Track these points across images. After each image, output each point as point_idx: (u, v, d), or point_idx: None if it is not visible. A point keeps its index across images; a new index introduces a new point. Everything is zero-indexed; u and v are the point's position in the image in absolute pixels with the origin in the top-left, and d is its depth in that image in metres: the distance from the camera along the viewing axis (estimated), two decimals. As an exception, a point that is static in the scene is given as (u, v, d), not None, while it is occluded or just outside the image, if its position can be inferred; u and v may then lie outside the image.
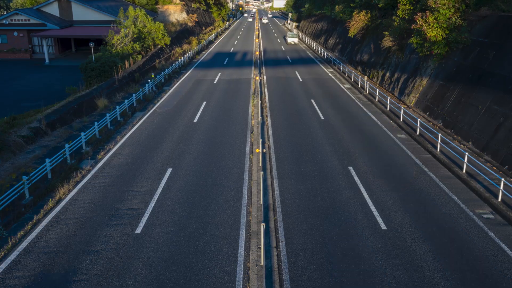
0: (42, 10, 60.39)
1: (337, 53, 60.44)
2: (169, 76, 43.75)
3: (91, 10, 59.19)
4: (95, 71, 38.11)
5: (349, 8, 56.87)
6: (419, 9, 32.07)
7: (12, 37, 57.46)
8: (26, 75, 46.53)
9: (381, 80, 39.27)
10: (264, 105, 32.29)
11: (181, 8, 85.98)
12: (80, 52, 61.80)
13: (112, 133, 25.77)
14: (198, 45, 67.14)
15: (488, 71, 24.09)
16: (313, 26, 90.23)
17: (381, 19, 45.75)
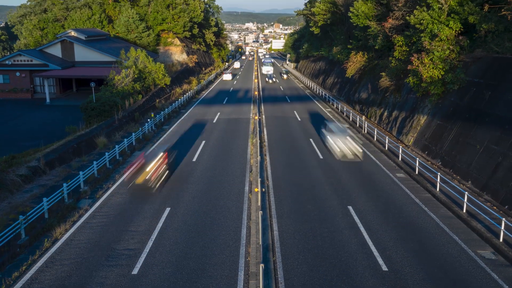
0: (45, 51, 61.45)
1: (335, 92, 61.18)
2: (169, 116, 44.08)
3: (93, 51, 60.22)
4: (95, 111, 38.42)
5: (346, 50, 58.01)
6: (415, 50, 32.73)
7: (14, 77, 58.19)
8: (26, 115, 46.86)
9: (379, 119, 39.59)
10: (263, 144, 32.40)
11: (181, 49, 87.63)
12: (81, 92, 62.46)
13: (111, 172, 25.72)
14: (198, 85, 68.02)
15: (485, 111, 24.34)
16: (311, 66, 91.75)
17: (378, 60, 46.59)
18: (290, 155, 29.78)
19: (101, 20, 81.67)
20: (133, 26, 79.11)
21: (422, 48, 30.58)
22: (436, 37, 29.61)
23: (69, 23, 79.17)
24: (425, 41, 30.26)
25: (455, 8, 29.84)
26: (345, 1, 61.80)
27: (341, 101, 53.91)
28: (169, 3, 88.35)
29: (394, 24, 38.65)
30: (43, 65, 57.29)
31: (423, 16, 31.08)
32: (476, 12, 28.47)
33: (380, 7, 45.53)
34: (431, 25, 30.52)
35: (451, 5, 30.15)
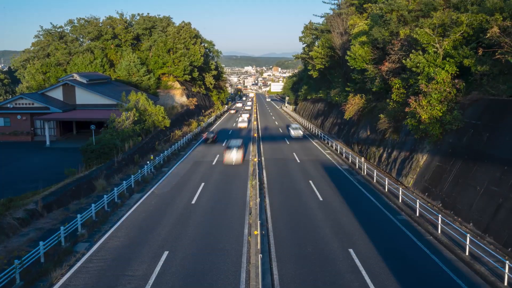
0: (47, 94, 62.21)
1: (334, 134, 61.53)
2: (168, 158, 44.12)
3: (94, 94, 60.98)
4: (95, 153, 38.49)
5: (344, 92, 58.78)
6: (412, 92, 33.16)
7: (15, 120, 58.63)
8: (26, 157, 46.89)
9: (378, 161, 39.63)
10: (262, 186, 32.27)
11: (181, 92, 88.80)
12: (81, 134, 62.76)
13: (109, 215, 25.48)
14: (197, 127, 68.46)
15: (484, 152, 24.40)
16: (310, 108, 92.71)
17: (376, 102, 47.12)
18: (289, 197, 29.62)
19: (102, 64, 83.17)
20: (134, 70, 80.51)
21: (419, 90, 31.01)
22: (433, 80, 30.09)
23: (71, 67, 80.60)
24: (422, 83, 30.73)
25: (450, 52, 30.49)
26: (342, 45, 63.23)
27: (340, 142, 54.14)
28: (170, 47, 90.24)
29: (391, 67, 39.35)
30: (44, 108, 57.88)
31: (419, 59, 31.69)
32: (471, 55, 29.08)
33: (376, 50, 46.48)
34: (427, 68, 31.09)
35: (446, 49, 30.82)
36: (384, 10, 43.41)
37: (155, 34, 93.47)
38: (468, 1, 32.56)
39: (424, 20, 33.59)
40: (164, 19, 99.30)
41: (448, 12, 32.15)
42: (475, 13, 29.67)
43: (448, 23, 31.40)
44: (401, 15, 41.33)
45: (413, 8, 39.76)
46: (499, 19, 27.54)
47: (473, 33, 30.57)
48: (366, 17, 59.50)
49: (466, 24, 30.11)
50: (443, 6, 35.04)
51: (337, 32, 66.52)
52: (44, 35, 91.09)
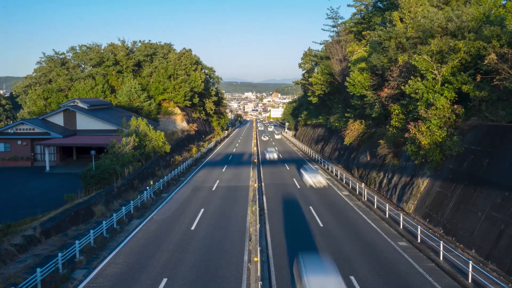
0: (48, 120, 62.47)
1: (334, 160, 61.49)
2: (168, 183, 44.00)
3: (95, 120, 61.24)
4: (95, 179, 38.39)
5: (344, 118, 59.01)
6: (411, 118, 33.29)
7: (15, 146, 58.70)
8: (25, 182, 46.76)
9: (378, 186, 39.50)
10: (262, 212, 32.08)
11: (182, 118, 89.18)
12: (82, 159, 62.74)
13: (108, 241, 25.24)
14: (197, 153, 68.49)
15: (484, 178, 24.35)
16: (310, 134, 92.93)
17: (376, 128, 47.25)
18: (290, 223, 29.41)
19: (104, 90, 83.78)
20: (135, 95, 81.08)
21: (419, 116, 31.14)
22: (432, 105, 30.25)
23: (73, 93, 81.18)
24: (421, 109, 30.88)
25: (449, 78, 30.76)
26: (342, 71, 63.84)
27: (340, 168, 54.07)
28: (171, 73, 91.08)
29: (390, 93, 39.61)
30: (45, 133, 58.04)
31: (418, 85, 31.94)
32: (469, 82, 29.33)
33: (375, 77, 46.88)
34: (426, 94, 31.30)
35: (444, 75, 31.11)
36: (383, 37, 43.96)
37: (156, 61, 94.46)
38: (465, 29, 33.02)
39: (422, 47, 34.00)
40: (165, 46, 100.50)
41: (445, 39, 32.55)
42: (473, 40, 30.05)
43: (446, 50, 31.78)
44: (399, 42, 41.85)
45: (411, 36, 40.29)
46: (496, 46, 27.89)
47: (471, 60, 30.91)
48: (364, 44, 60.22)
49: (464, 51, 30.47)
50: (440, 33, 35.49)
51: (336, 58, 67.25)
52: (46, 61, 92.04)
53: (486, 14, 32.95)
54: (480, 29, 30.54)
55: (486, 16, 32.65)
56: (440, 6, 49.68)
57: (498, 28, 28.43)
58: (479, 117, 28.59)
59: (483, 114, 28.23)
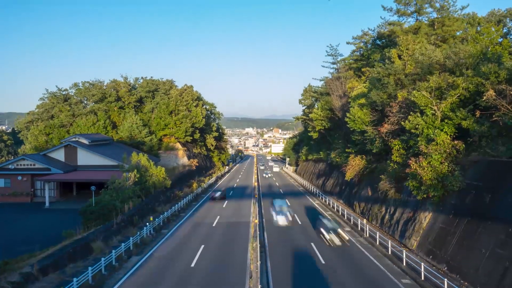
0: (49, 155, 62.56)
1: (336, 195, 61.16)
2: (168, 219, 43.63)
3: (96, 156, 61.30)
4: (94, 214, 38.12)
5: (344, 153, 59.06)
6: (412, 154, 33.33)
7: (15, 181, 58.59)
8: (24, 219, 46.39)
9: (380, 222, 39.13)
10: (263, 249, 31.66)
11: (182, 153, 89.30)
12: (82, 195, 62.48)
13: (106, 278, 24.82)
14: (198, 188, 68.24)
15: (487, 214, 24.14)
16: (310, 169, 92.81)
17: (377, 163, 47.22)
18: (291, 259, 28.97)
19: (105, 126, 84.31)
20: (136, 131, 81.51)
21: (419, 151, 31.17)
22: (432, 141, 30.33)
23: (75, 129, 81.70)
24: (422, 145, 30.96)
25: (448, 114, 30.98)
26: (342, 107, 64.37)
27: (342, 203, 53.72)
28: (172, 109, 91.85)
29: (390, 129, 39.80)
30: (46, 169, 58.01)
31: (418, 121, 32.13)
32: (469, 117, 29.51)
33: (375, 113, 47.22)
34: (426, 129, 31.45)
35: (443, 111, 31.34)
36: (382, 74, 44.55)
37: (158, 97, 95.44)
38: (463, 66, 33.51)
39: (421, 84, 34.41)
40: (167, 82, 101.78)
41: (444, 76, 32.99)
42: (471, 77, 30.44)
43: (444, 86, 32.15)
44: (398, 78, 42.39)
45: (410, 72, 40.85)
46: (494, 82, 28.22)
47: (470, 96, 31.21)
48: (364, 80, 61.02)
49: (463, 87, 30.82)
50: (439, 70, 36.01)
51: (336, 94, 67.95)
52: (49, 97, 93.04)
53: (483, 51, 33.51)
54: (477, 66, 31.00)
55: (483, 53, 33.20)
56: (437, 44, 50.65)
57: (495, 65, 28.85)
58: (479, 152, 28.62)
59: (484, 150, 28.28)
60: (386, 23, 62.49)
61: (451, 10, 55.73)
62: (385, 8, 60.38)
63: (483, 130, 28.39)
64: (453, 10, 55.80)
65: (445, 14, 55.42)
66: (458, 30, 53.12)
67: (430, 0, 55.90)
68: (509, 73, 28.00)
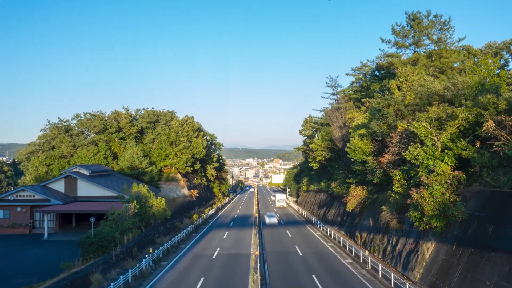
0: (48, 186, 62.35)
1: (336, 226, 60.63)
2: (168, 251, 43.14)
3: (96, 187, 61.10)
4: (93, 246, 37.72)
5: (345, 184, 58.89)
6: (413, 184, 33.23)
7: (14, 212, 58.21)
8: (22, 251, 45.89)
9: (383, 254, 38.65)
10: (264, 281, 31.18)
11: (183, 184, 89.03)
12: (81, 226, 61.99)
13: (104, 312, 24.36)
14: (198, 219, 67.74)
15: (490, 246, 23.88)
16: (311, 200, 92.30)
17: (378, 194, 47.03)
18: (292, 292, 28.51)
19: (106, 157, 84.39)
20: (137, 162, 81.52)
21: (420, 182, 31.08)
22: (433, 171, 30.29)
23: (75, 159, 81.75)
24: (423, 175, 30.90)
25: (448, 144, 31.04)
26: (342, 137, 64.55)
27: (343, 234, 53.19)
28: (173, 140, 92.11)
29: (391, 159, 39.82)
30: (45, 200, 57.74)
31: (418, 152, 32.17)
32: (469, 148, 29.56)
33: (375, 143, 47.34)
34: (427, 160, 31.45)
35: (443, 141, 31.41)
36: (382, 105, 44.86)
37: (159, 128, 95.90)
38: (461, 96, 33.79)
39: (420, 114, 34.61)
40: (168, 113, 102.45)
41: (443, 106, 33.22)
42: (470, 108, 30.64)
43: (444, 117, 32.32)
44: (398, 109, 42.66)
45: (409, 103, 41.14)
46: (493, 113, 28.40)
47: (469, 126, 31.35)
48: (364, 111, 61.43)
49: (462, 118, 30.98)
50: (438, 100, 36.28)
51: (336, 125, 68.24)
52: (50, 128, 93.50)
53: (481, 82, 33.86)
54: (476, 97, 31.25)
55: (482, 84, 33.52)
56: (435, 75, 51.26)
57: (494, 96, 29.09)
58: (481, 183, 28.54)
59: (485, 180, 28.21)
60: (384, 55, 63.30)
61: (449, 42, 56.57)
62: (384, 40, 61.32)
63: (484, 161, 28.40)
64: (451, 42, 56.63)
65: (442, 46, 56.23)
66: (456, 61, 53.79)
67: (428, 33, 56.77)
68: (508, 103, 28.21)
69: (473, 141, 30.03)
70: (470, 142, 30.14)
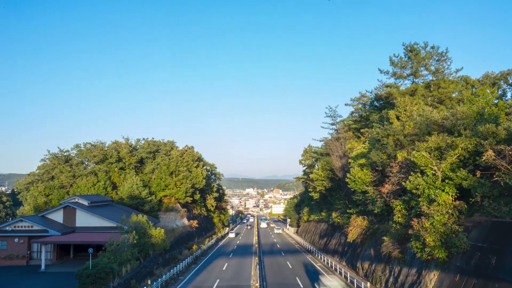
0: (47, 217, 61.85)
1: (337, 257, 59.89)
2: (166, 282, 42.49)
3: (95, 217, 60.62)
4: (90, 278, 37.16)
5: (346, 214, 58.50)
6: (414, 214, 32.99)
7: (12, 243, 57.56)
8: (18, 283, 45.13)
9: (385, 285, 38.04)
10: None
11: (182, 214, 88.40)
12: (79, 257, 61.20)
13: None
14: (198, 250, 66.97)
15: (493, 277, 23.52)
16: (312, 230, 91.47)
17: (379, 224, 46.65)
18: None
19: (105, 187, 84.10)
20: (136, 192, 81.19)
21: (421, 212, 30.88)
22: (434, 201, 30.12)
23: (75, 190, 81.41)
24: (424, 205, 30.71)
25: (449, 174, 30.97)
26: (342, 167, 64.47)
27: (344, 266, 52.48)
28: (173, 170, 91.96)
29: (391, 189, 39.67)
30: (43, 230, 57.19)
31: (419, 181, 32.07)
32: (469, 178, 29.48)
33: (375, 173, 47.26)
34: (427, 190, 31.32)
35: (444, 171, 31.36)
36: (381, 135, 45.02)
37: (159, 158, 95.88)
38: (460, 126, 33.92)
39: (420, 144, 34.69)
40: (168, 143, 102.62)
41: (442, 136, 33.32)
42: (469, 137, 30.72)
43: (443, 147, 32.37)
44: (397, 139, 42.79)
45: (408, 133, 41.30)
46: (492, 143, 28.45)
47: (469, 156, 31.36)
48: (363, 140, 61.56)
49: (462, 147, 31.02)
50: (437, 130, 36.43)
51: (336, 155, 68.28)
52: (50, 158, 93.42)
53: (480, 112, 34.06)
54: (475, 127, 31.37)
55: (480, 114, 33.71)
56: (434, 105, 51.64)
57: (493, 126, 29.20)
58: (482, 213, 28.35)
59: (487, 210, 28.02)
60: (383, 85, 63.91)
61: (446, 72, 57.17)
62: (382, 71, 62.03)
63: (485, 191, 28.27)
64: (448, 73, 57.24)
65: (440, 76, 56.81)
66: (454, 91, 54.23)
67: (425, 64, 57.46)
68: (508, 133, 28.30)
69: (474, 170, 29.99)
70: (471, 172, 30.09)
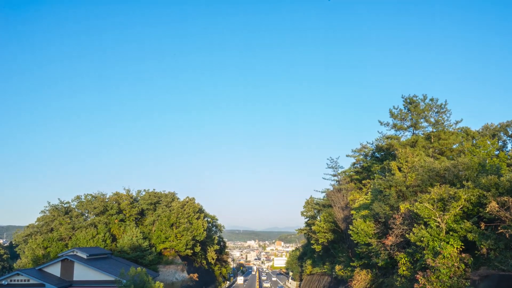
0: (44, 270, 60.62)
1: (342, 313, 58.08)
2: None
3: (93, 270, 59.40)
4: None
5: (349, 267, 57.28)
6: (419, 267, 32.28)
7: (7, 298, 56.17)
8: None
9: None
10: None
11: (182, 267, 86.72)
12: (75, 313, 59.44)
13: None
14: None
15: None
16: (315, 284, 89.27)
17: (383, 278, 45.55)
18: None
19: (105, 239, 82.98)
20: (136, 244, 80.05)
21: (427, 265, 30.23)
22: (439, 254, 29.55)
23: (73, 242, 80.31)
24: (429, 258, 30.11)
25: (453, 226, 30.57)
26: (345, 219, 63.80)
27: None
28: (173, 222, 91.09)
29: (395, 241, 39.02)
30: (40, 285, 55.91)
31: (423, 233, 31.61)
32: (474, 230, 29.06)
33: (378, 224, 46.65)
34: (432, 242, 30.81)
35: (448, 223, 30.97)
36: (383, 186, 44.82)
37: (160, 209, 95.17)
38: (462, 177, 33.82)
39: (422, 195, 34.45)
40: (169, 195, 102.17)
41: (445, 187, 33.15)
42: (472, 189, 30.54)
43: (446, 198, 32.13)
44: (399, 190, 42.57)
45: (411, 184, 41.14)
46: (495, 194, 28.26)
47: (473, 207, 31.06)
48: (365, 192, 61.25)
49: (465, 199, 30.78)
50: (439, 181, 36.30)
51: (338, 206, 67.73)
52: (50, 210, 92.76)
53: (481, 163, 34.08)
54: (477, 178, 31.28)
55: (482, 165, 33.71)
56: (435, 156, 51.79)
57: (495, 177, 29.11)
58: (489, 266, 27.72)
59: (493, 263, 27.43)
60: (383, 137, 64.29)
61: (446, 124, 57.60)
62: (382, 123, 62.58)
63: (490, 243, 27.80)
64: (448, 125, 57.67)
65: (440, 128, 57.23)
66: (455, 143, 54.46)
67: (425, 115, 58.05)
68: (511, 184, 28.17)
69: (478, 222, 29.60)
70: (475, 224, 29.69)
